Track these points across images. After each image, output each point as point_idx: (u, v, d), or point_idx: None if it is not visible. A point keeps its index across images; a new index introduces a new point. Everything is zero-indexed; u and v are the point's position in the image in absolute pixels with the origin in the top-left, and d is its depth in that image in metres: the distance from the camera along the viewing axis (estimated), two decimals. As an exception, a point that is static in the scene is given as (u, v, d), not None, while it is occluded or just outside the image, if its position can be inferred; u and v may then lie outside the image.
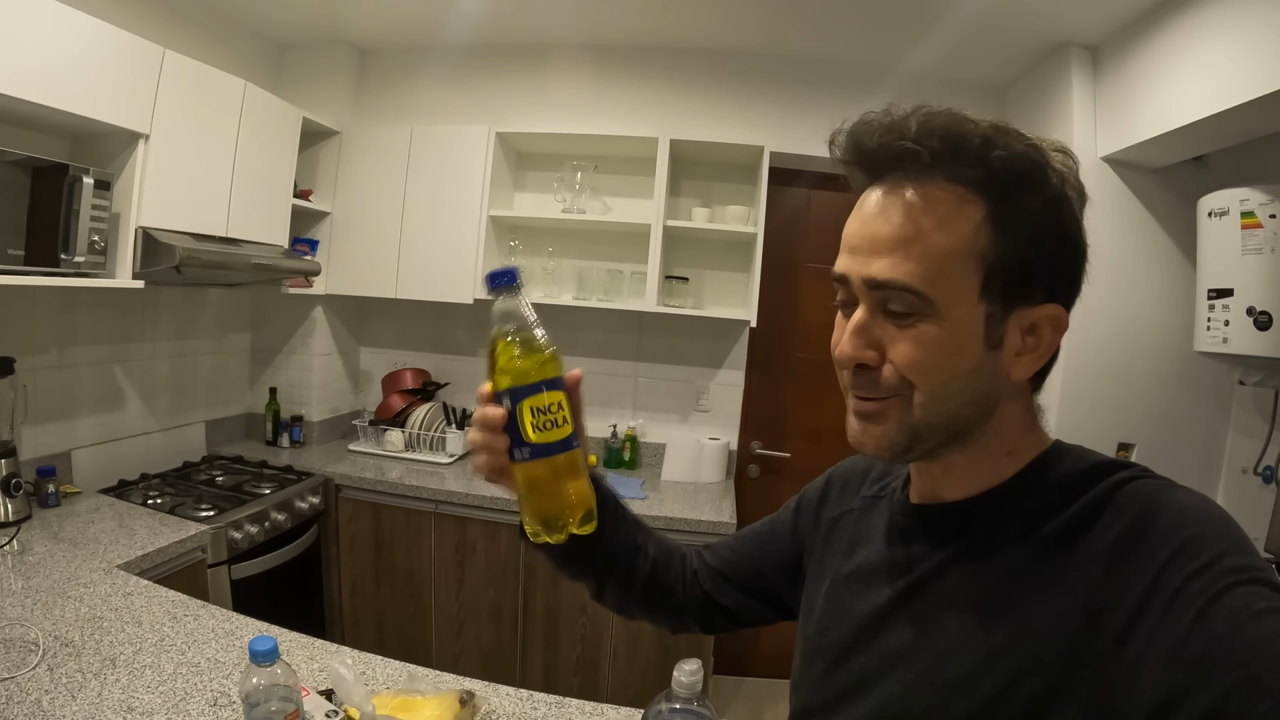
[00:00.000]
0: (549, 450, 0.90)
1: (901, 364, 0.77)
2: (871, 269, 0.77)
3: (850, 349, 0.80)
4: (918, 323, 0.76)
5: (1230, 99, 2.40)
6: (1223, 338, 2.61)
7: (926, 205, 0.75)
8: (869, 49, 3.66)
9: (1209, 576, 0.62)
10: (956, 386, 0.77)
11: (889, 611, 0.89)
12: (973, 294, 0.75)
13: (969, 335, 0.76)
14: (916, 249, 0.74)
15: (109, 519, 2.74)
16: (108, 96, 2.59)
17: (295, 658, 1.87)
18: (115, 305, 3.24)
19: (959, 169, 0.74)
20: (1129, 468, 0.77)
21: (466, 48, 4.04)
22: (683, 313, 3.75)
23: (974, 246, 0.74)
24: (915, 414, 0.78)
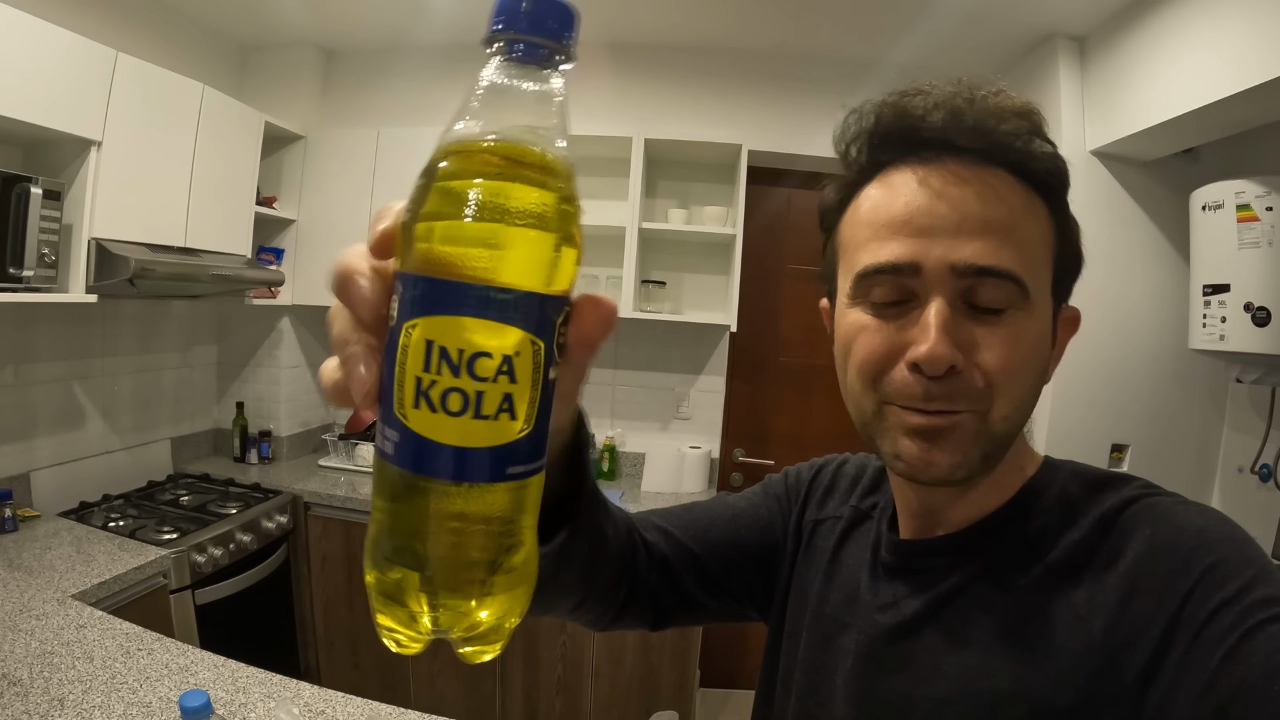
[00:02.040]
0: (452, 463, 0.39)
1: (993, 367, 0.67)
2: (964, 253, 0.66)
3: (945, 349, 0.65)
4: (1011, 318, 0.67)
5: (1221, 89, 2.35)
6: (1219, 335, 2.56)
7: (1010, 192, 0.68)
8: (850, 43, 3.60)
9: (1238, 610, 0.55)
10: (1033, 391, 0.71)
11: (879, 656, 0.79)
12: (1048, 290, 0.71)
13: (1046, 330, 0.71)
14: (1015, 234, 0.67)
15: (67, 544, 2.65)
16: (56, 102, 2.51)
17: (251, 695, 1.78)
18: (73, 320, 3.13)
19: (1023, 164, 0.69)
20: (1130, 483, 0.72)
21: (435, 48, 3.96)
22: (660, 318, 3.68)
23: (1048, 240, 0.71)
24: (995, 428, 0.68)
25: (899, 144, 0.72)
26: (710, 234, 3.66)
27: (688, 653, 3.22)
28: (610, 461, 3.95)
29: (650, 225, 3.61)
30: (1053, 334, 0.72)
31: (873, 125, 0.74)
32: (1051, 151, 0.70)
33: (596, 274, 3.80)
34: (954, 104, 0.69)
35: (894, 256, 0.68)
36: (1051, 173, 0.69)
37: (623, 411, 4.11)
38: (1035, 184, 0.69)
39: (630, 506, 3.28)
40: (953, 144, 0.69)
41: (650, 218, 3.73)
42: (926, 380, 0.67)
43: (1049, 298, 0.71)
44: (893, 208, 0.70)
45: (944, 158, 0.69)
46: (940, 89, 0.71)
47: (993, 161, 0.68)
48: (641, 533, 0.96)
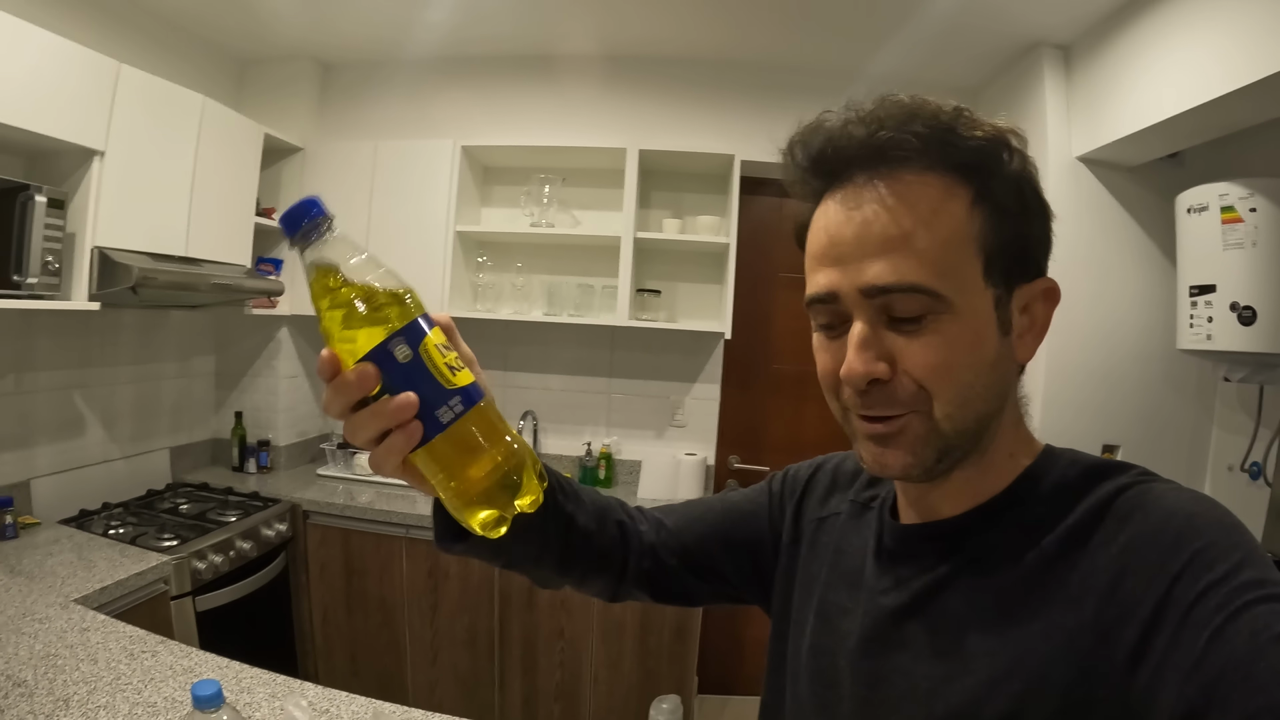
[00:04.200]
0: (478, 394, 0.69)
1: (920, 372, 0.71)
2: (868, 275, 0.70)
3: (862, 365, 0.71)
4: (931, 324, 0.70)
5: (1204, 94, 2.40)
6: (1206, 335, 2.60)
7: (917, 195, 0.70)
8: (839, 54, 3.64)
9: (1225, 591, 0.58)
10: (981, 385, 0.73)
11: (881, 637, 0.82)
12: (978, 280, 0.71)
13: (985, 325, 0.72)
14: (916, 243, 0.69)
15: (68, 550, 2.65)
16: (61, 112, 2.53)
17: (256, 695, 1.78)
18: (74, 329, 3.15)
19: (937, 155, 0.70)
20: (1127, 470, 0.73)
21: (430, 61, 3.99)
22: (655, 326, 3.71)
23: (970, 230, 0.70)
24: (941, 426, 0.73)
25: (818, 172, 0.77)
26: (704, 243, 3.68)
27: (685, 658, 3.23)
28: (607, 469, 3.97)
29: (645, 235, 3.64)
30: (1000, 320, 0.73)
31: (796, 158, 0.78)
32: (969, 134, 0.71)
33: (592, 283, 3.82)
34: (858, 119, 0.73)
35: (819, 289, 0.75)
36: (975, 156, 0.71)
37: (619, 419, 4.13)
38: (956, 171, 0.71)
39: None
40: (856, 159, 0.73)
41: (645, 228, 3.77)
42: (861, 393, 0.73)
43: (982, 289, 0.72)
44: (818, 240, 0.76)
45: (854, 175, 0.73)
46: (852, 106, 0.74)
47: (900, 164, 0.71)
48: (636, 524, 1.10)
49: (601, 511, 1.05)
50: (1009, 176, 0.72)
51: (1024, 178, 0.73)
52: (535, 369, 4.15)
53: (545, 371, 4.15)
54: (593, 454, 3.99)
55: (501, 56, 3.94)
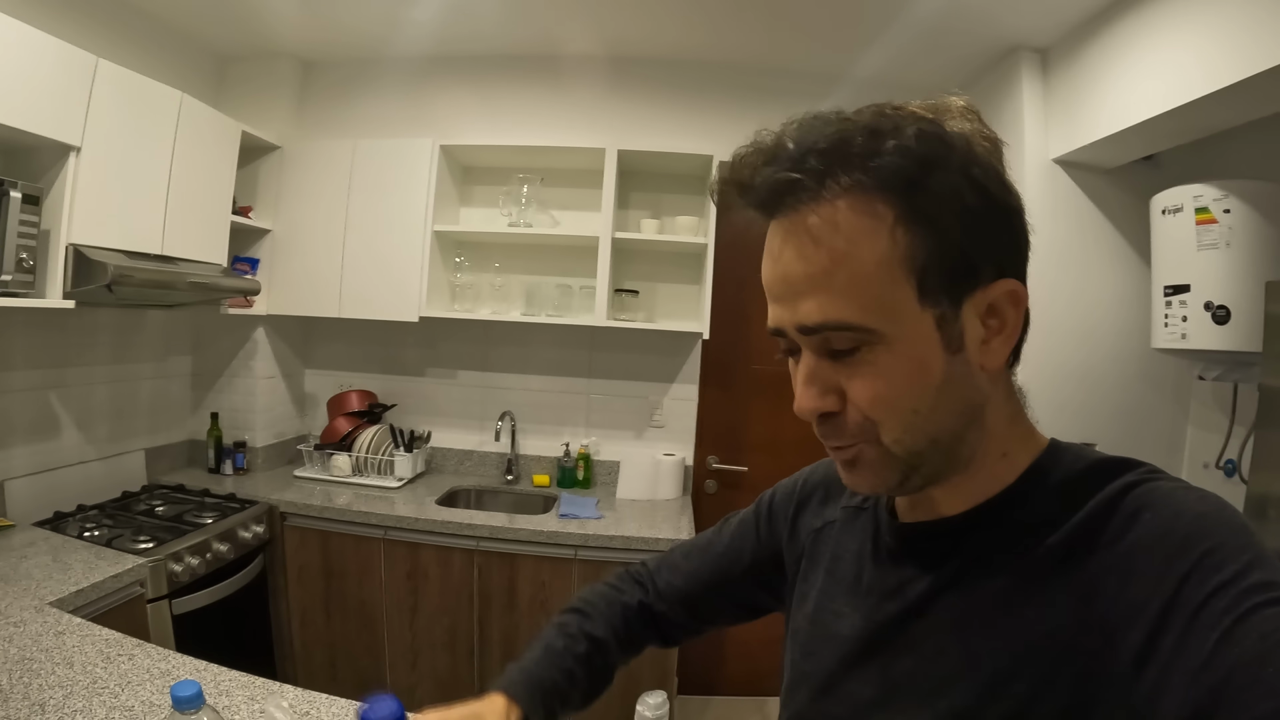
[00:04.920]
0: None
1: (863, 404, 0.71)
2: (799, 315, 0.71)
3: (808, 402, 0.74)
4: (866, 356, 0.70)
5: (1180, 97, 2.43)
6: (1181, 334, 2.63)
7: (832, 229, 0.68)
8: (819, 57, 3.66)
9: (1234, 594, 0.57)
10: (927, 409, 0.71)
11: (883, 638, 0.82)
12: (912, 304, 0.69)
13: (926, 349, 0.70)
14: (837, 280, 0.68)
15: (43, 553, 2.61)
16: (37, 107, 2.49)
17: (235, 698, 1.77)
18: (49, 328, 3.11)
19: (853, 177, 0.67)
20: (1134, 468, 0.72)
21: (411, 60, 3.98)
22: (634, 326, 3.72)
23: (894, 254, 0.68)
24: (894, 449, 0.72)
25: (752, 208, 0.75)
26: (683, 244, 3.69)
27: (666, 659, 3.22)
28: (585, 469, 3.97)
29: (623, 235, 3.64)
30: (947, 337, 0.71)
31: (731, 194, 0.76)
32: (888, 145, 0.67)
33: (571, 284, 3.82)
34: (772, 151, 0.71)
35: (771, 322, 0.76)
36: (894, 170, 0.67)
37: (597, 420, 4.13)
38: (875, 190, 0.67)
39: (606, 513, 3.34)
40: (770, 198, 0.72)
41: (624, 228, 3.77)
42: (817, 423, 0.75)
43: (919, 311, 0.69)
44: (764, 276, 0.77)
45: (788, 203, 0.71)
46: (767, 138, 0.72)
47: (814, 196, 0.68)
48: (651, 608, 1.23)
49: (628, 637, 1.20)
50: (940, 182, 0.68)
51: (966, 176, 0.69)
52: (514, 369, 4.15)
53: (524, 372, 4.15)
54: (571, 454, 3.99)
55: (482, 56, 3.94)
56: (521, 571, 3.24)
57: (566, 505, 3.51)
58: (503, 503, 3.92)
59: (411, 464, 3.87)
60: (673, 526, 3.34)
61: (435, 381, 4.24)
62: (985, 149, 0.72)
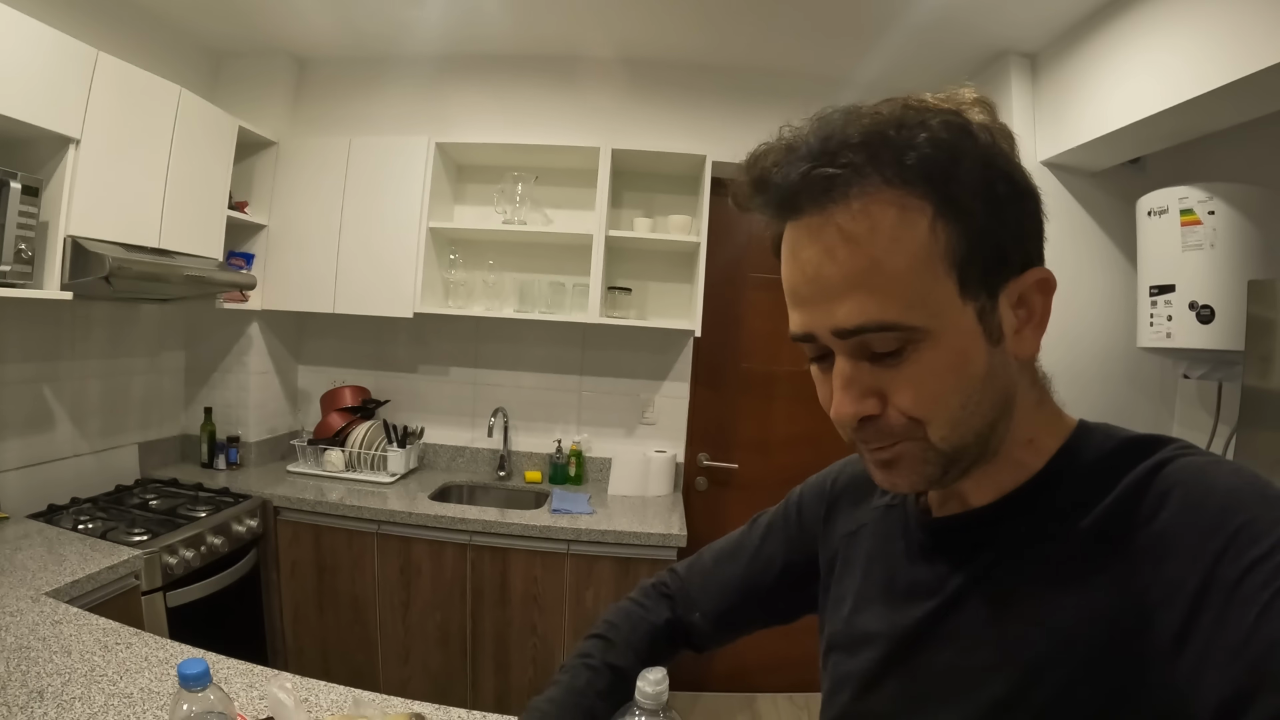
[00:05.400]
0: None
1: (908, 405, 0.70)
2: (836, 318, 0.69)
3: (850, 407, 0.71)
4: (911, 355, 0.69)
5: (1166, 100, 2.47)
6: (1166, 333, 2.66)
7: (869, 227, 0.66)
8: (812, 59, 3.67)
9: (1271, 567, 0.56)
10: (974, 403, 0.71)
11: (922, 633, 0.82)
12: (954, 299, 0.68)
13: (971, 343, 0.69)
14: (877, 279, 0.67)
15: (38, 545, 2.61)
16: (37, 98, 2.49)
17: (233, 685, 1.77)
18: (43, 320, 3.11)
19: (889, 171, 0.66)
20: (1166, 444, 0.72)
21: (407, 58, 3.98)
22: (626, 324, 3.72)
23: (935, 250, 0.67)
24: (939, 447, 0.72)
25: (771, 207, 0.74)
26: (675, 242, 3.71)
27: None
28: (577, 466, 3.98)
29: (617, 234, 3.65)
30: (988, 329, 0.70)
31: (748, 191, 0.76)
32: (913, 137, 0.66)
33: (564, 281, 3.83)
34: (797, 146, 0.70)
35: (795, 329, 0.74)
36: (927, 161, 0.66)
37: (589, 417, 4.14)
38: (910, 183, 0.66)
39: (598, 509, 3.35)
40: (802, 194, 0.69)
41: (617, 226, 3.78)
42: (855, 428, 0.73)
43: (960, 306, 0.68)
44: (787, 279, 0.75)
45: (804, 209, 0.70)
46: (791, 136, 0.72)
47: (847, 190, 0.67)
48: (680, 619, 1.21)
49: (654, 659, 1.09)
50: (972, 173, 0.67)
51: (992, 166, 0.69)
52: (506, 366, 4.16)
53: (516, 369, 4.15)
54: (563, 451, 4.01)
55: (478, 55, 3.94)
56: (514, 566, 3.25)
57: (559, 501, 3.52)
58: (495, 498, 3.92)
59: (404, 460, 3.86)
60: (664, 522, 3.35)
61: (428, 378, 4.24)
62: (1004, 141, 0.71)
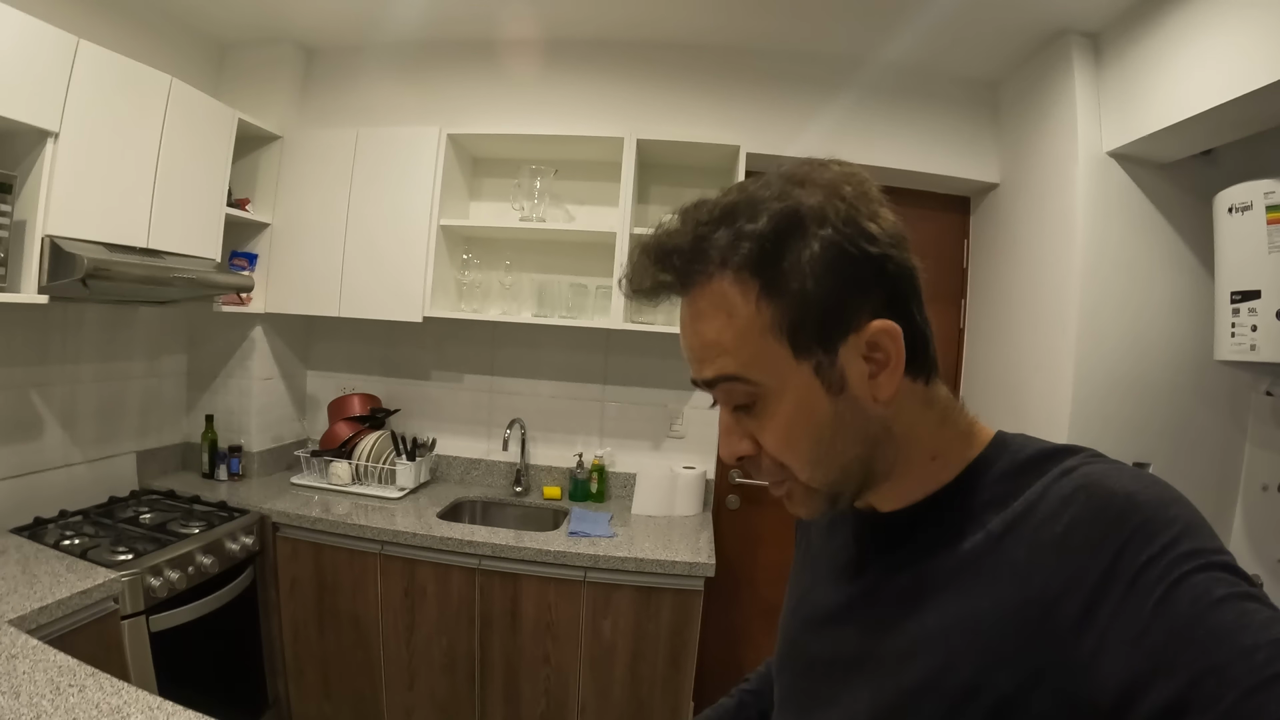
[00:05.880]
0: None
1: (772, 450, 0.82)
2: (702, 374, 0.82)
3: (724, 449, 0.86)
4: (761, 408, 0.80)
5: (1244, 85, 2.28)
6: (1249, 344, 2.40)
7: (710, 307, 0.79)
8: (850, 40, 3.47)
9: (1165, 562, 0.63)
10: (827, 443, 0.80)
11: (844, 619, 0.91)
12: (788, 360, 0.78)
13: (811, 395, 0.79)
14: (717, 348, 0.79)
15: (13, 564, 2.47)
16: (10, 89, 2.36)
17: None
18: (30, 324, 2.97)
19: (722, 261, 0.78)
20: (1074, 454, 0.78)
21: (417, 45, 3.84)
22: (653, 330, 3.50)
23: (761, 322, 0.77)
24: (813, 484, 0.82)
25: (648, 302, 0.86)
26: (706, 241, 3.47)
27: (680, 687, 3.04)
28: (599, 482, 3.79)
29: (642, 231, 3.36)
30: (828, 382, 0.78)
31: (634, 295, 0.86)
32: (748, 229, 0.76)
33: (586, 283, 3.65)
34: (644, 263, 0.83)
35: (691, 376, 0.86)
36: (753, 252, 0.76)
37: (613, 429, 3.95)
38: (740, 269, 0.77)
39: (619, 530, 3.20)
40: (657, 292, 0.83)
41: (643, 223, 3.57)
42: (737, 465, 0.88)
43: (794, 366, 0.78)
44: None
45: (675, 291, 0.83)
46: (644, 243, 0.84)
47: (688, 284, 0.80)
48: None
49: None
50: (794, 254, 0.76)
51: (823, 243, 0.76)
52: (524, 374, 3.99)
53: (535, 377, 3.98)
54: (584, 465, 3.82)
55: (492, 40, 3.77)
56: (525, 593, 3.05)
57: (577, 521, 3.33)
58: (510, 516, 3.74)
59: (414, 473, 3.70)
60: (690, 548, 3.13)
61: (441, 385, 4.08)
62: (842, 207, 0.77)
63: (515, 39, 3.75)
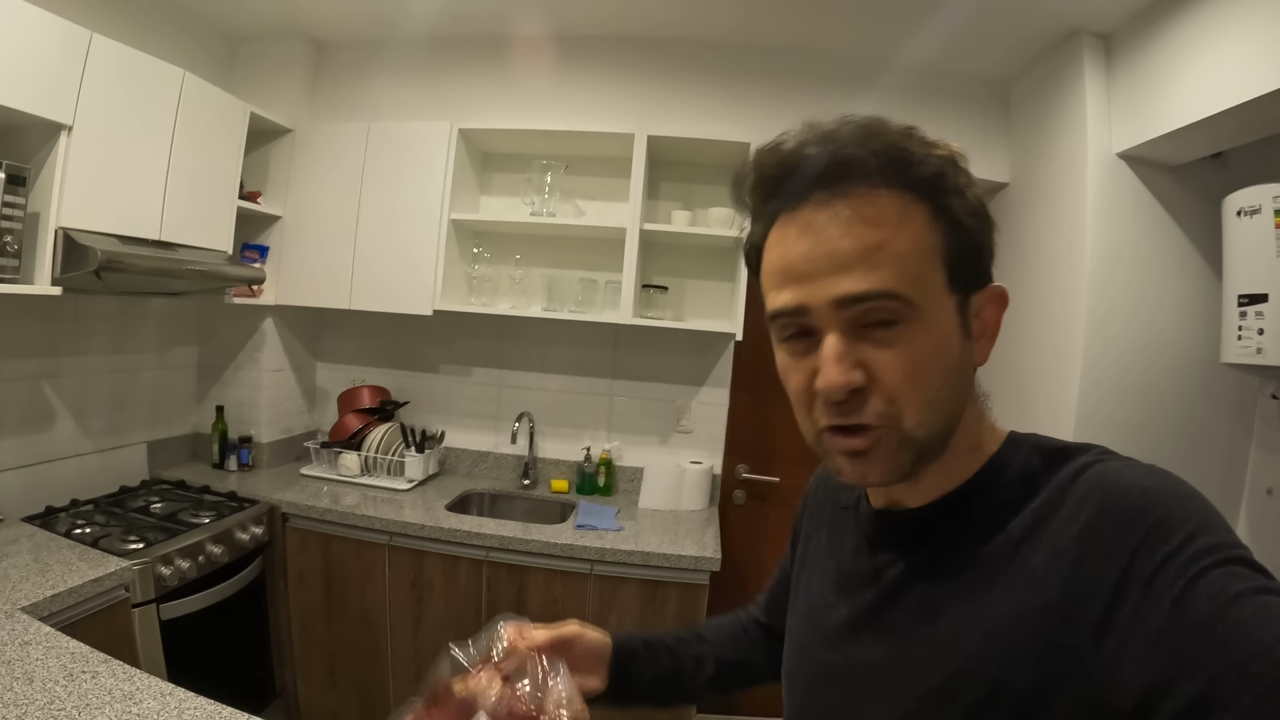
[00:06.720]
0: None
1: (893, 379, 0.75)
2: (841, 287, 0.74)
3: (840, 375, 0.75)
4: (902, 331, 0.75)
5: (1255, 88, 2.26)
6: (1256, 348, 2.39)
7: (878, 212, 0.75)
8: (861, 39, 3.47)
9: (1182, 560, 0.62)
10: (948, 388, 0.78)
11: (862, 624, 0.89)
12: (943, 288, 0.77)
13: (950, 330, 0.77)
14: (884, 254, 0.74)
15: (25, 552, 2.48)
16: (24, 83, 2.38)
17: None
18: (43, 316, 2.99)
19: (895, 173, 0.75)
20: (1086, 451, 0.78)
21: (429, 40, 3.84)
22: (662, 325, 3.53)
23: (930, 241, 0.76)
24: (914, 434, 0.77)
25: (779, 192, 0.80)
26: (715, 237, 3.51)
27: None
28: (607, 476, 3.81)
29: (652, 227, 3.45)
30: (963, 324, 0.78)
31: (753, 179, 0.83)
32: (925, 153, 0.76)
33: (595, 278, 3.66)
34: (819, 138, 0.77)
35: (785, 303, 0.79)
36: (927, 174, 0.75)
37: (620, 424, 3.97)
38: (912, 189, 0.75)
39: (625, 524, 3.19)
40: (818, 180, 0.76)
41: (653, 219, 3.59)
42: (837, 403, 0.76)
43: (946, 296, 0.77)
44: (783, 258, 0.79)
45: (814, 193, 0.76)
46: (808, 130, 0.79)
47: (859, 183, 0.75)
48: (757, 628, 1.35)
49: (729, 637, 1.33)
50: (962, 192, 0.77)
51: (974, 195, 0.78)
52: (532, 368, 4.00)
53: (543, 371, 4.00)
54: (592, 459, 3.83)
55: (504, 36, 3.78)
56: (532, 585, 3.07)
57: (584, 515, 3.35)
58: (518, 509, 3.75)
59: (423, 465, 3.72)
60: (697, 542, 3.14)
61: (450, 378, 4.10)
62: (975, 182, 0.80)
63: (527, 36, 3.75)
